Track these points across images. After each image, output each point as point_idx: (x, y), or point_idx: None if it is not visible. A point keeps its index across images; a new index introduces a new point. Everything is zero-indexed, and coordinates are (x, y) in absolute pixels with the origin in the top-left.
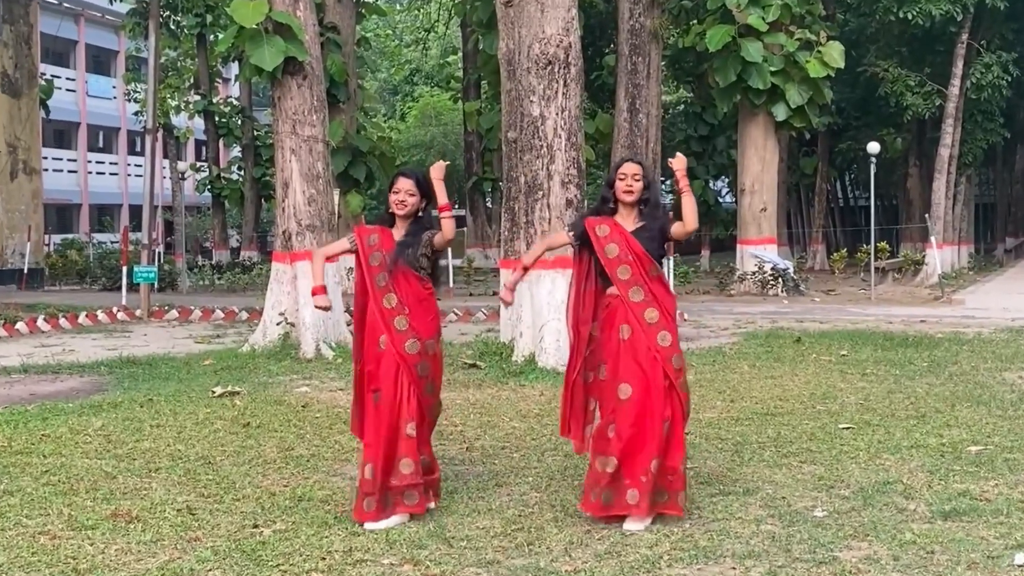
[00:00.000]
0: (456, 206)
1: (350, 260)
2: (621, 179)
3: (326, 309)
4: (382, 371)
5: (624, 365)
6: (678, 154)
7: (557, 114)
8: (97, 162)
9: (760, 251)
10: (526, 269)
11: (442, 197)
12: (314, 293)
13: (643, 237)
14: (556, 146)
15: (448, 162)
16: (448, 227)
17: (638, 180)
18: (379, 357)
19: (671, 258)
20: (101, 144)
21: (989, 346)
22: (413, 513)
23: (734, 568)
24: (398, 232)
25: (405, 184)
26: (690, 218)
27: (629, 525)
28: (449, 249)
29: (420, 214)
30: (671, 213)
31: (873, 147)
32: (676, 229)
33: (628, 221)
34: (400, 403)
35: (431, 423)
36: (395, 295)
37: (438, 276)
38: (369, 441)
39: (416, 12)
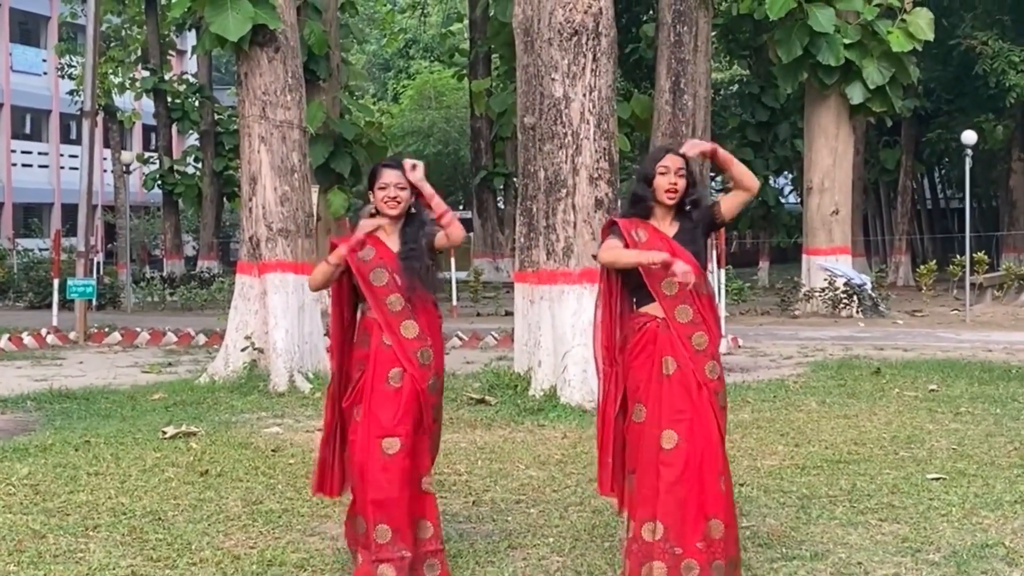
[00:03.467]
0: (460, 207)
1: None
2: (662, 174)
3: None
4: (400, 413)
5: (668, 407)
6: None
7: (584, 95)
8: (23, 152)
9: (831, 263)
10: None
11: (437, 203)
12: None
13: (686, 242)
14: (583, 134)
15: (420, 161)
16: (455, 232)
17: (682, 176)
18: (391, 397)
19: (723, 270)
20: (28, 130)
21: None
22: None
23: None
24: (391, 238)
25: (392, 176)
26: (745, 177)
27: None
28: (452, 260)
29: (412, 211)
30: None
31: (969, 137)
32: (729, 202)
33: (665, 224)
34: (420, 453)
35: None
36: (415, 323)
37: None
38: (380, 498)
39: None
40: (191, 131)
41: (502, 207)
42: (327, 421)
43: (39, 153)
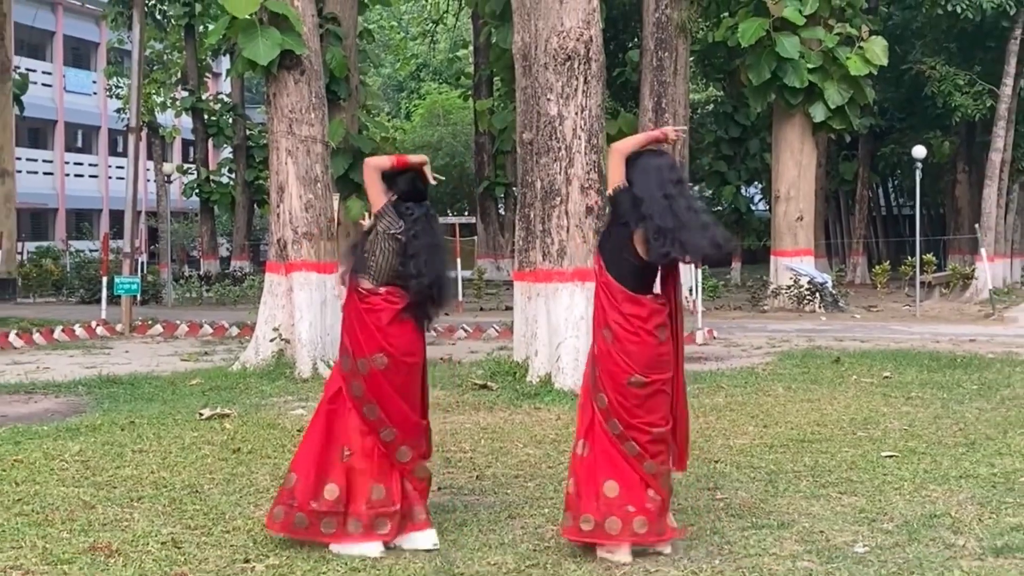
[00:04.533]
0: (466, 213)
1: None
2: None
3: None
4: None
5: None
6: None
7: (577, 113)
8: (75, 163)
9: (796, 263)
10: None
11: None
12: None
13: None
14: (575, 148)
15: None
16: None
17: None
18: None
19: (699, 270)
20: (80, 144)
21: None
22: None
23: None
24: None
25: None
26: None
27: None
28: (459, 260)
29: None
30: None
31: (919, 151)
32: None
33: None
34: None
35: None
36: None
37: None
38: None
39: (423, 2)
40: (225, 145)
41: (503, 213)
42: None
43: (89, 164)
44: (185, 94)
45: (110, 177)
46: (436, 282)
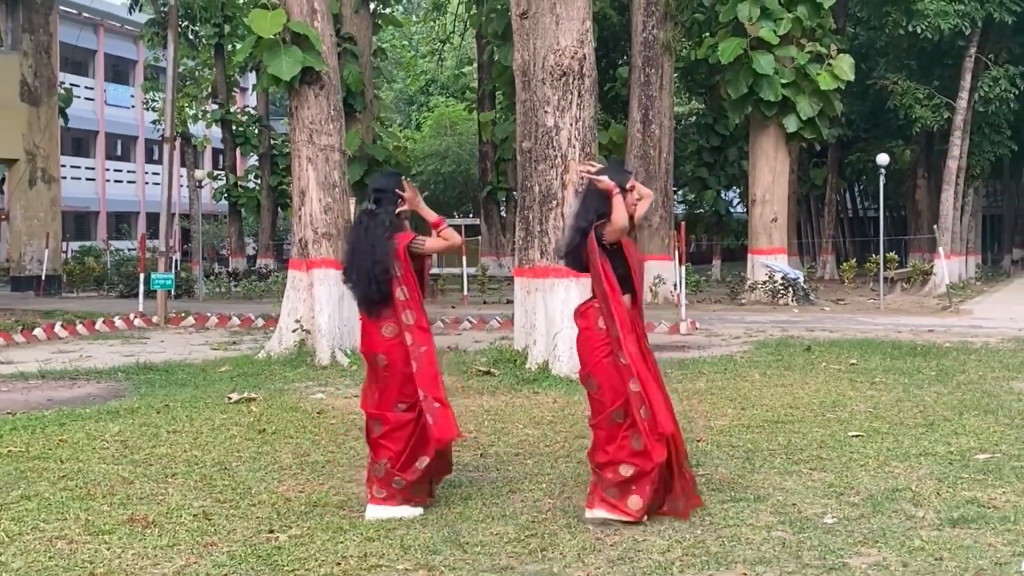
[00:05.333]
0: (471, 215)
1: None
2: (630, 190)
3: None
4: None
5: (654, 372)
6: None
7: (571, 124)
8: (115, 170)
9: (771, 261)
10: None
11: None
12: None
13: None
14: (570, 156)
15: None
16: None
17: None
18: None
19: (683, 267)
20: (119, 152)
21: (996, 355)
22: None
23: (745, 574)
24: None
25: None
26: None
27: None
28: (464, 258)
29: None
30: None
31: (882, 159)
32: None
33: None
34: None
35: None
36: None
37: None
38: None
39: (432, 23)
40: (251, 153)
41: (504, 215)
42: None
43: (128, 171)
44: (215, 107)
45: (146, 183)
46: (350, 278)
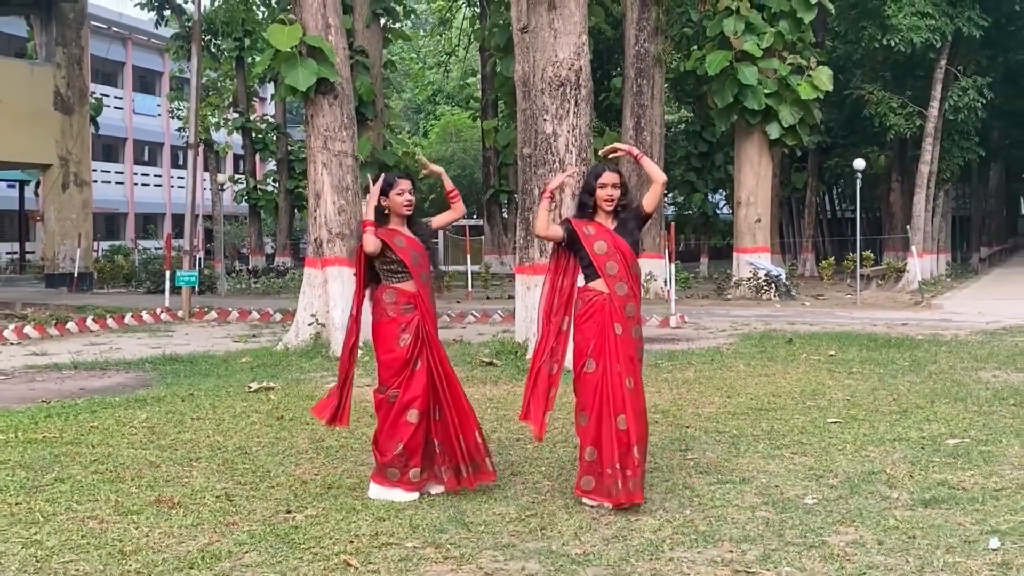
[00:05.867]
0: (474, 216)
1: None
2: (602, 188)
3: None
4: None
5: (625, 359)
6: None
7: (568, 132)
8: (143, 174)
9: (755, 259)
10: (550, 198)
11: (449, 184)
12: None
13: (624, 233)
14: (568, 161)
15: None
16: (460, 206)
17: (617, 189)
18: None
19: (673, 264)
20: (146, 158)
21: (965, 347)
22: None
23: (731, 551)
24: (405, 231)
25: (407, 184)
26: (654, 172)
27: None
28: (468, 256)
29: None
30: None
31: (859, 164)
32: (648, 197)
33: (607, 221)
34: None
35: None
36: (431, 292)
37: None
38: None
39: (438, 37)
40: (270, 159)
41: (506, 216)
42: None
43: (154, 175)
44: (236, 115)
45: (172, 186)
46: None
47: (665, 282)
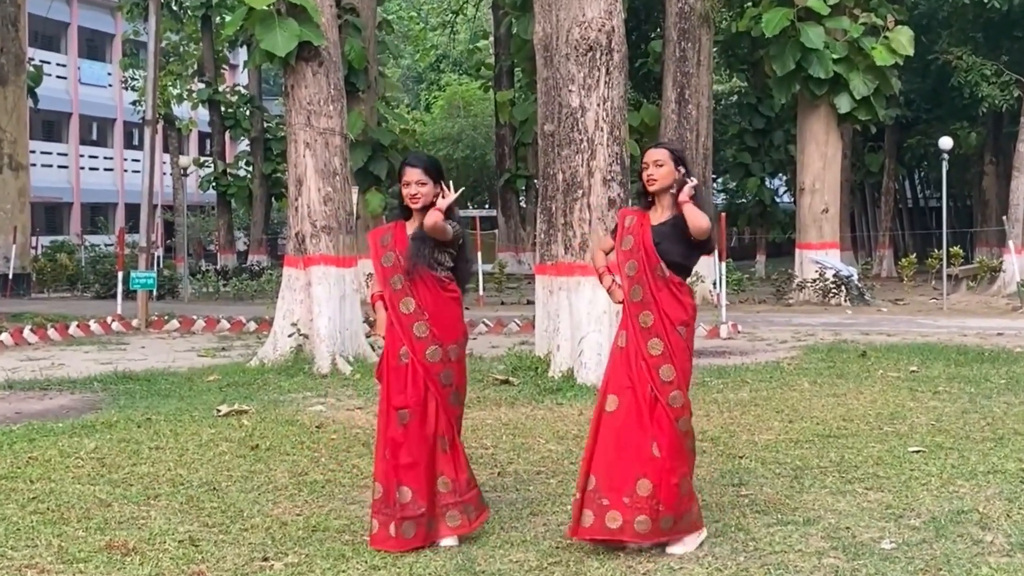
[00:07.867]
0: (487, 206)
1: (370, 265)
2: (644, 168)
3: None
4: (409, 386)
5: (617, 375)
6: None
7: (599, 105)
8: (90, 156)
9: (821, 256)
10: (604, 273)
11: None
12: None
13: (659, 234)
14: (597, 140)
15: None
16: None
17: (660, 166)
18: (401, 372)
19: (723, 263)
20: (95, 137)
21: None
22: (460, 535)
23: None
24: (412, 226)
25: (414, 174)
26: (694, 221)
27: (673, 548)
28: (479, 254)
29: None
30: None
31: (945, 143)
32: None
33: (658, 215)
34: (429, 418)
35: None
36: (412, 299)
37: (461, 272)
38: (401, 463)
39: None
40: (242, 137)
41: (524, 206)
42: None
43: (104, 158)
44: (202, 86)
45: (125, 170)
46: None
47: (714, 284)
